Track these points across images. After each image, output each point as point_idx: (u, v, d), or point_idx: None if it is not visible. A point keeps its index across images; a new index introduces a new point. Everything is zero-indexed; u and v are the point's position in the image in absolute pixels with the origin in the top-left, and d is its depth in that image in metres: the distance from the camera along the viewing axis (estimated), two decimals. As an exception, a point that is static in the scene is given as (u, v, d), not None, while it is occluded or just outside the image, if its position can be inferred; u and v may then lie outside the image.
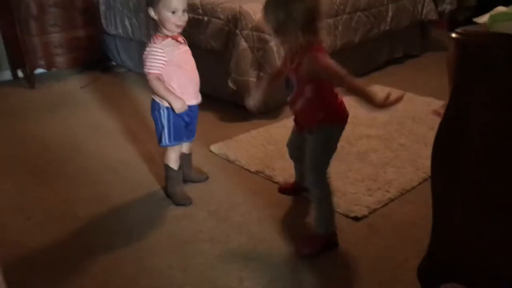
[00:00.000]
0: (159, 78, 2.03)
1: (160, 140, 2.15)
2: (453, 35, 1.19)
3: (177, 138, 2.15)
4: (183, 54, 2.06)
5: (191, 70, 2.11)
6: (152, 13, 1.99)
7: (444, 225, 1.40)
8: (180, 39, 2.07)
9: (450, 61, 1.87)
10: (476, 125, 1.23)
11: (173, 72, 2.04)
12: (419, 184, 2.28)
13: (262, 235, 1.98)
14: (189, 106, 2.11)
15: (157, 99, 2.09)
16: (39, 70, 4.01)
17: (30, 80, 3.88)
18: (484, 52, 1.16)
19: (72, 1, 3.87)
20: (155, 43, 2.00)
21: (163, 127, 2.12)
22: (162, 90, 2.03)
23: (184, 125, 2.16)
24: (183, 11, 1.99)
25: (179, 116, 2.10)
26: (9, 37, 3.89)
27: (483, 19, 1.21)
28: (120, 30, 3.98)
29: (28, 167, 2.65)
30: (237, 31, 2.93)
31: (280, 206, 2.17)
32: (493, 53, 1.14)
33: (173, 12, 1.96)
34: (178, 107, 2.06)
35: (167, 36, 2.01)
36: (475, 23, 1.28)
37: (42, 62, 3.88)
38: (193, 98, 2.15)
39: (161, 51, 1.99)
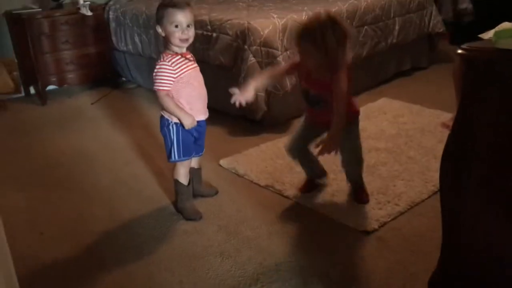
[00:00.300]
0: (169, 95, 2.06)
1: (169, 156, 2.18)
2: (459, 51, 1.21)
3: (186, 153, 2.17)
4: (191, 71, 2.10)
5: (199, 86, 2.15)
6: (159, 30, 2.04)
7: (454, 238, 1.40)
8: (189, 56, 2.11)
9: (456, 74, 1.88)
10: (483, 138, 1.24)
11: (182, 88, 2.07)
12: (429, 197, 2.28)
13: (272, 249, 1.98)
14: (198, 121, 2.15)
15: (166, 115, 2.12)
16: (51, 87, 4.08)
17: (42, 97, 3.94)
18: (490, 68, 1.18)
19: (83, 19, 3.94)
20: (164, 61, 2.04)
21: (172, 143, 2.14)
22: (172, 106, 2.06)
23: (193, 140, 2.19)
24: (188, 25, 2.02)
25: (188, 131, 2.12)
26: (22, 54, 3.97)
27: (489, 35, 1.23)
28: (130, 47, 4.04)
29: (40, 183, 2.68)
30: (246, 47, 2.97)
31: (289, 220, 2.18)
32: (499, 69, 1.16)
33: (177, 26, 2.00)
34: (188, 123, 2.09)
35: (176, 54, 2.05)
36: (481, 39, 1.30)
37: (53, 79, 3.95)
38: (201, 113, 2.18)
39: (170, 68, 2.03)
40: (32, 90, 4.18)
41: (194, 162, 2.32)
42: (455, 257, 1.42)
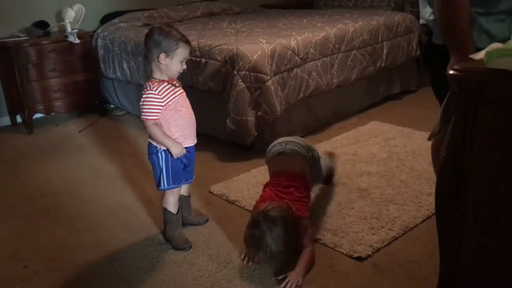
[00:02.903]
0: (157, 124, 2.03)
1: (158, 184, 2.13)
2: (451, 71, 1.19)
3: (175, 181, 2.12)
4: (179, 97, 2.07)
5: (187, 112, 2.11)
6: (162, 58, 1.98)
7: (452, 264, 1.36)
8: (175, 82, 2.08)
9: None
10: (478, 160, 1.21)
11: (171, 116, 2.04)
12: (423, 221, 2.24)
13: (264, 279, 1.92)
14: (187, 148, 2.11)
15: (154, 143, 2.08)
16: (38, 115, 4.02)
17: (29, 125, 3.88)
18: (482, 88, 1.16)
19: (71, 47, 3.91)
20: (151, 89, 2.01)
21: (161, 170, 2.10)
22: (160, 136, 2.03)
23: (182, 167, 2.15)
24: None
25: (177, 158, 2.08)
26: (8, 83, 3.92)
27: (480, 55, 1.21)
28: (118, 74, 4.01)
29: (25, 213, 2.61)
30: (235, 72, 2.95)
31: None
32: (491, 89, 1.14)
33: (181, 62, 2.01)
34: (177, 152, 2.06)
35: (163, 81, 2.03)
36: (471, 59, 1.28)
37: (40, 107, 3.89)
38: (191, 139, 2.15)
39: (157, 97, 2.00)
40: (18, 119, 4.11)
41: (183, 189, 2.27)
42: (454, 283, 1.37)
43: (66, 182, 2.95)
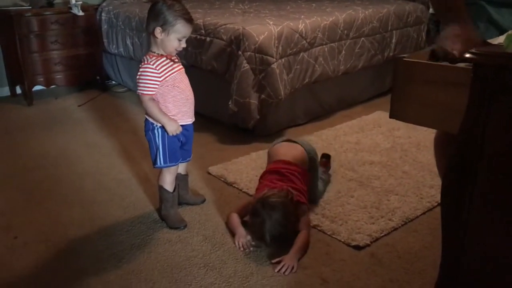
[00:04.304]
0: (153, 99, 1.97)
1: (155, 162, 2.08)
2: (467, 55, 1.13)
3: (172, 159, 2.07)
4: (177, 74, 2.00)
5: (186, 89, 2.05)
6: (158, 32, 1.92)
7: (454, 257, 1.31)
8: (174, 57, 2.02)
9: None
10: (490, 151, 1.15)
11: (168, 92, 1.98)
12: (423, 213, 2.19)
13: (259, 263, 1.88)
14: (184, 126, 2.05)
15: (151, 120, 2.03)
16: (38, 87, 3.97)
17: (28, 97, 3.82)
18: (500, 75, 1.09)
19: (74, 19, 3.84)
20: (148, 64, 1.94)
21: (157, 148, 2.05)
22: (156, 112, 1.97)
23: (179, 145, 2.10)
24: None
25: (174, 136, 2.03)
26: (9, 53, 3.85)
27: (498, 40, 1.15)
28: (121, 49, 3.94)
29: (21, 185, 2.56)
30: (240, 52, 2.89)
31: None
32: (510, 76, 1.08)
33: (180, 39, 1.94)
34: (172, 130, 2.00)
35: (162, 55, 1.96)
36: (489, 44, 1.22)
37: (41, 79, 3.83)
38: (188, 117, 2.09)
39: (155, 71, 1.94)
40: (18, 90, 4.05)
41: (181, 168, 2.22)
42: (455, 278, 1.32)
43: (63, 156, 2.91)
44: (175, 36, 1.92)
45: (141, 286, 1.76)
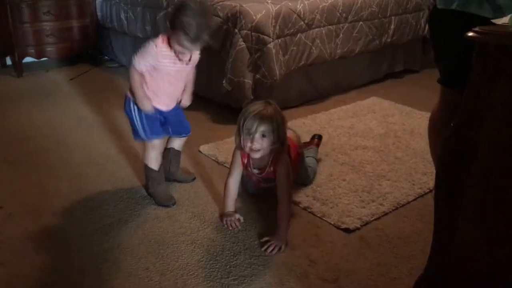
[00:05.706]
0: (140, 74, 1.95)
1: (135, 135, 2.05)
2: (471, 34, 1.10)
3: (153, 131, 2.03)
4: (173, 72, 1.97)
5: (171, 85, 2.02)
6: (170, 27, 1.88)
7: (445, 242, 1.30)
8: (182, 57, 1.96)
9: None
10: (487, 134, 1.13)
11: (154, 78, 1.96)
12: (415, 199, 2.18)
13: (248, 241, 1.86)
14: (158, 110, 2.03)
15: (129, 95, 2.00)
16: (29, 59, 3.89)
17: (18, 68, 3.75)
18: (503, 54, 1.07)
19: (69, -10, 3.76)
20: (156, 44, 1.90)
21: (136, 120, 2.02)
22: (136, 84, 1.95)
23: (160, 121, 2.06)
24: None
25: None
26: None
27: (503, 20, 1.12)
28: (115, 24, 3.87)
29: (8, 156, 2.51)
30: (236, 30, 2.83)
31: (268, 212, 2.05)
32: (514, 54, 1.05)
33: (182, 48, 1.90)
34: (143, 109, 1.98)
35: (172, 48, 1.91)
36: (494, 24, 1.19)
37: (32, 50, 3.76)
38: (164, 106, 2.05)
39: (154, 56, 1.90)
40: (8, 61, 3.98)
41: (176, 143, 2.20)
42: (444, 263, 1.31)
43: (52, 129, 2.85)
44: (186, 39, 1.85)
45: (127, 261, 1.73)
